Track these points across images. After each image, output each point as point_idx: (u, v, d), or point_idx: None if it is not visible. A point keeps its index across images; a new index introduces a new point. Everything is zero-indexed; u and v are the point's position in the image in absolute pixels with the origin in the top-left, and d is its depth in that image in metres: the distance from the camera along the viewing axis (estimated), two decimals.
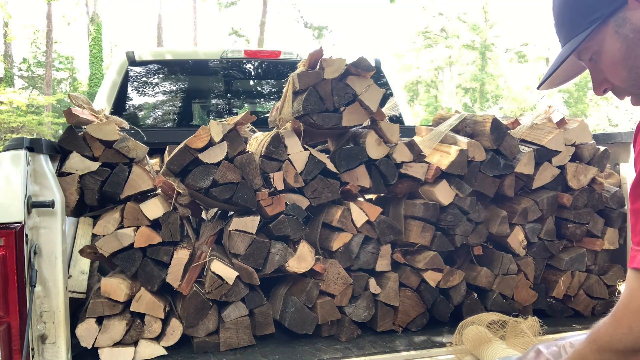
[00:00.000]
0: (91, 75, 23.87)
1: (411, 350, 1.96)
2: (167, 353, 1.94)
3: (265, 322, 2.04)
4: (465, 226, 2.22)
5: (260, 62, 3.68)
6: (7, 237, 1.50)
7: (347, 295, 2.11)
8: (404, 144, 2.21)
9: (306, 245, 2.05)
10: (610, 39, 0.96)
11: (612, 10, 0.94)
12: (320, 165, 2.10)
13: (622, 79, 0.99)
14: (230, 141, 2.00)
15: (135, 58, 3.35)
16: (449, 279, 2.21)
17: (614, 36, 0.95)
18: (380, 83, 3.33)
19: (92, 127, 1.98)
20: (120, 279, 1.92)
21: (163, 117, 3.67)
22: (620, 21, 0.93)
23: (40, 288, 1.66)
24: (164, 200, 2.01)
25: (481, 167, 2.24)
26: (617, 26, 0.94)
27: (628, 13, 0.92)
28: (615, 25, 0.94)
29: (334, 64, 2.08)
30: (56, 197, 1.71)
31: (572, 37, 1.00)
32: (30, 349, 1.57)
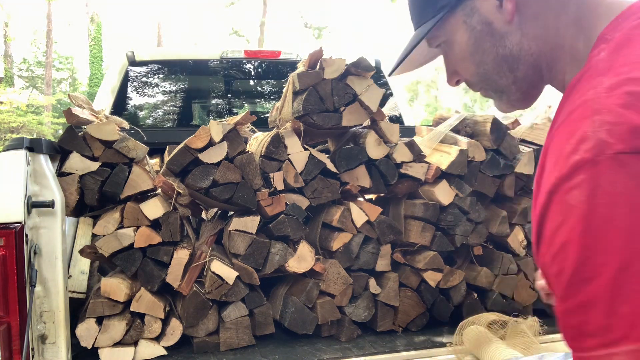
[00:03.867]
0: (91, 75, 23.88)
1: (411, 350, 1.96)
2: (167, 353, 1.94)
3: (265, 322, 2.04)
4: (465, 226, 2.22)
5: (261, 62, 3.68)
6: (7, 237, 1.50)
7: (347, 295, 2.11)
8: (404, 144, 2.21)
9: (306, 245, 2.05)
10: (459, 30, 0.87)
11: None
12: (320, 165, 2.10)
13: (470, 73, 0.91)
14: (230, 141, 2.00)
15: (135, 58, 3.35)
16: (449, 279, 2.21)
17: (462, 27, 0.86)
18: (380, 83, 3.33)
19: (92, 127, 1.98)
20: (120, 279, 1.92)
21: (163, 117, 3.67)
22: (469, 10, 0.84)
23: (40, 288, 1.66)
24: (164, 200, 2.01)
25: (481, 167, 2.24)
26: (466, 16, 0.85)
27: (477, 2, 0.84)
28: (464, 15, 0.85)
29: (334, 64, 2.08)
30: (56, 197, 1.71)
31: (421, 23, 0.91)
32: (30, 349, 1.57)
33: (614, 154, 0.59)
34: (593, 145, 0.60)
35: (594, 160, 0.60)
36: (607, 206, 0.59)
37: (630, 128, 0.59)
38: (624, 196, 0.58)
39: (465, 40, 0.87)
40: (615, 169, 0.58)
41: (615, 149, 0.59)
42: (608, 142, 0.60)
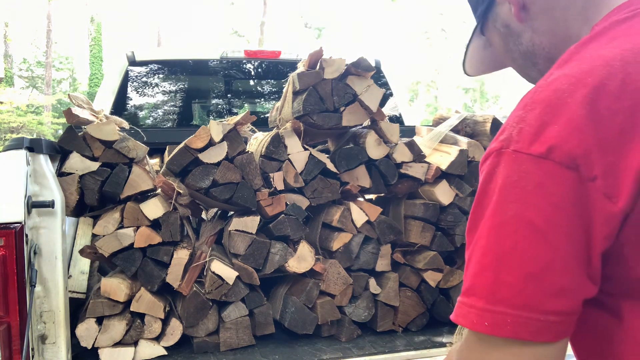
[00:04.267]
0: (91, 75, 23.88)
1: (411, 350, 1.96)
2: (167, 353, 1.94)
3: (265, 322, 2.04)
4: (465, 226, 2.22)
5: (261, 62, 3.68)
6: (7, 237, 1.50)
7: (347, 295, 2.11)
8: (404, 144, 2.21)
9: (306, 245, 2.05)
10: (493, 34, 0.97)
11: (487, 7, 0.95)
12: (320, 165, 2.10)
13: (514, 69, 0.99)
14: (230, 141, 2.00)
15: (135, 58, 3.35)
16: (449, 279, 2.21)
17: (494, 30, 0.96)
18: (380, 83, 3.33)
19: (92, 127, 1.98)
20: (120, 279, 1.92)
21: (163, 117, 3.67)
22: (495, 16, 0.93)
23: (40, 288, 1.66)
24: (164, 200, 2.01)
25: None
26: (494, 21, 0.94)
27: (498, 8, 0.92)
28: (493, 21, 0.95)
29: (334, 64, 2.08)
30: (56, 197, 1.71)
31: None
32: (30, 349, 1.57)
33: (513, 150, 0.68)
34: (504, 138, 0.70)
35: (499, 151, 0.69)
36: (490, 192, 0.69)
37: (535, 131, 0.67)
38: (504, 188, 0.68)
39: (498, 41, 0.96)
40: (510, 163, 0.67)
41: (515, 147, 0.68)
42: (514, 139, 0.68)
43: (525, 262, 0.66)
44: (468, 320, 0.70)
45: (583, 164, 0.63)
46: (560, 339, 0.67)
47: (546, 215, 0.65)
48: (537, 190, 0.65)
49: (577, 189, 0.64)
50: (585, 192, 0.63)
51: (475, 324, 0.69)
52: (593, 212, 0.64)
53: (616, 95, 0.65)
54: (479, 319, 0.68)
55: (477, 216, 0.73)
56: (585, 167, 0.63)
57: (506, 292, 0.66)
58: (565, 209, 0.64)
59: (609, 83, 0.66)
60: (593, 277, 0.67)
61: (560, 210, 0.64)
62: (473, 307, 0.69)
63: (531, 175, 0.66)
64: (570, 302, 0.66)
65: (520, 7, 0.87)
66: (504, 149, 0.69)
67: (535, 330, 0.65)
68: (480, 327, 0.68)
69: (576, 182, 0.64)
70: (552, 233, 0.64)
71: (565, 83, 0.69)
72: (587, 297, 0.67)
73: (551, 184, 0.64)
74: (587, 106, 0.65)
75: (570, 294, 0.66)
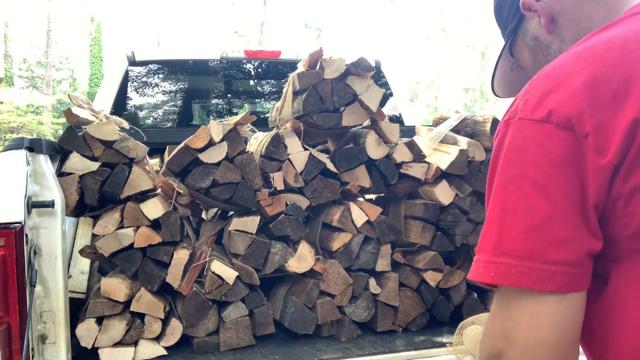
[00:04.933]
0: (91, 75, 23.89)
1: (411, 350, 1.96)
2: (167, 353, 1.94)
3: (265, 322, 2.04)
4: (465, 226, 2.22)
5: (261, 62, 3.68)
6: (7, 237, 1.50)
7: (347, 295, 2.11)
8: (404, 144, 2.21)
9: (306, 245, 2.05)
10: (523, 49, 1.04)
11: (517, 23, 1.03)
12: (320, 165, 2.10)
13: None
14: (230, 141, 2.00)
15: (135, 58, 3.35)
16: (449, 279, 2.21)
17: (523, 45, 1.04)
18: (380, 83, 3.33)
19: (92, 127, 1.98)
20: (120, 279, 1.92)
21: (163, 117, 3.67)
22: (524, 31, 1.02)
23: (40, 288, 1.66)
24: (164, 200, 2.01)
25: (481, 167, 2.24)
26: (523, 36, 1.03)
27: (527, 23, 1.01)
28: (522, 36, 1.03)
29: (334, 64, 2.08)
30: (56, 197, 1.71)
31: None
32: (30, 349, 1.57)
33: (519, 119, 0.75)
34: (512, 110, 0.78)
35: (508, 121, 0.77)
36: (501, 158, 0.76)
37: (537, 100, 0.74)
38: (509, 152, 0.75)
39: (527, 55, 1.03)
40: (515, 130, 0.75)
41: (520, 115, 0.75)
42: (519, 109, 0.76)
43: (527, 216, 0.71)
44: (477, 274, 0.76)
45: (577, 124, 0.70)
46: (568, 291, 0.71)
47: (546, 172, 0.71)
48: (537, 151, 0.72)
49: (572, 146, 0.70)
50: (580, 148, 0.70)
51: (482, 275, 0.75)
52: (586, 166, 0.70)
53: (613, 65, 0.72)
54: (485, 270, 0.75)
55: (491, 183, 0.79)
56: (579, 126, 0.70)
57: (510, 244, 0.72)
58: (562, 166, 0.70)
59: (608, 55, 0.73)
60: (593, 231, 0.72)
61: (558, 168, 0.70)
62: (481, 261, 0.76)
63: (533, 138, 0.73)
64: (572, 253, 0.70)
65: (549, 19, 0.95)
66: (511, 119, 0.77)
67: (538, 279, 0.70)
68: (487, 277, 0.74)
69: (572, 140, 0.70)
70: (552, 188, 0.70)
71: (568, 58, 0.77)
72: (591, 250, 0.72)
73: (550, 143, 0.71)
74: (584, 74, 0.72)
75: (571, 245, 0.70)
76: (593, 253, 0.72)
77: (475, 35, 27.65)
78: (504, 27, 1.08)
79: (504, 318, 0.74)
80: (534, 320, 0.71)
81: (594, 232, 0.72)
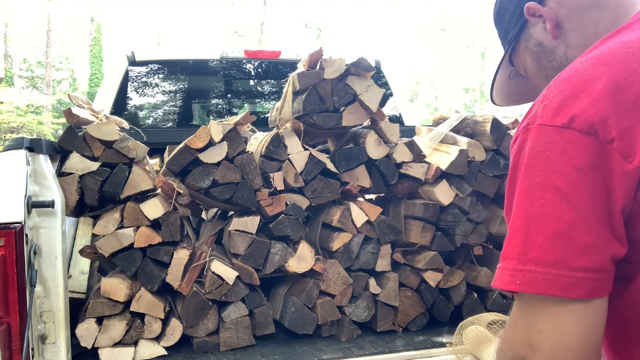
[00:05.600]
0: (91, 75, 23.89)
1: (411, 350, 1.96)
2: (167, 353, 1.94)
3: (265, 322, 2.04)
4: (465, 226, 2.22)
5: (261, 62, 3.68)
6: (7, 237, 1.50)
7: (347, 295, 2.11)
8: (404, 144, 2.21)
9: (306, 245, 2.05)
10: (525, 55, 1.04)
11: (519, 29, 1.03)
12: (320, 165, 2.10)
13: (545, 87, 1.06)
14: (230, 141, 2.00)
15: (135, 58, 3.35)
16: (449, 279, 2.21)
17: (526, 51, 1.03)
18: (380, 83, 3.33)
19: (92, 127, 1.98)
20: (120, 279, 1.92)
21: (163, 117, 3.67)
22: (527, 37, 1.02)
23: (40, 288, 1.66)
24: (164, 200, 2.01)
25: (481, 167, 2.24)
26: (526, 42, 1.03)
27: (530, 29, 1.01)
28: (525, 42, 1.03)
29: (334, 64, 2.08)
30: (56, 197, 1.71)
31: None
32: (30, 349, 1.57)
33: (538, 124, 0.75)
34: (530, 116, 0.78)
35: (527, 127, 0.77)
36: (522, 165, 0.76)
37: (557, 106, 0.74)
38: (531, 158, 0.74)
39: (530, 61, 1.03)
40: (536, 136, 0.75)
41: (540, 121, 0.75)
42: (538, 115, 0.76)
43: (551, 223, 0.71)
44: (502, 282, 0.75)
45: (601, 129, 0.70)
46: (593, 297, 0.71)
47: (569, 178, 0.70)
48: (560, 157, 0.72)
49: (596, 152, 0.70)
50: (604, 154, 0.70)
51: (508, 283, 0.74)
52: (611, 171, 0.70)
53: (633, 69, 0.72)
54: (511, 278, 0.74)
55: (511, 190, 0.78)
56: (604, 131, 0.69)
57: (535, 252, 0.72)
58: (586, 172, 0.70)
59: (627, 59, 0.73)
60: (618, 236, 0.71)
61: (581, 174, 0.70)
62: (506, 269, 0.75)
63: (555, 144, 0.72)
64: (597, 259, 0.70)
65: (554, 24, 0.95)
66: (530, 125, 0.76)
67: (564, 286, 0.70)
68: (513, 285, 0.74)
69: (596, 146, 0.70)
70: (575, 195, 0.70)
71: (585, 64, 0.77)
72: (615, 255, 0.72)
73: (573, 150, 0.71)
74: (605, 79, 0.72)
75: (596, 251, 0.70)
76: (617, 258, 0.72)
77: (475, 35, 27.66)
78: (504, 35, 1.08)
79: (527, 326, 0.73)
80: (559, 328, 0.71)
81: (618, 238, 0.71)
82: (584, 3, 0.93)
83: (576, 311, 0.71)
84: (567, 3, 0.94)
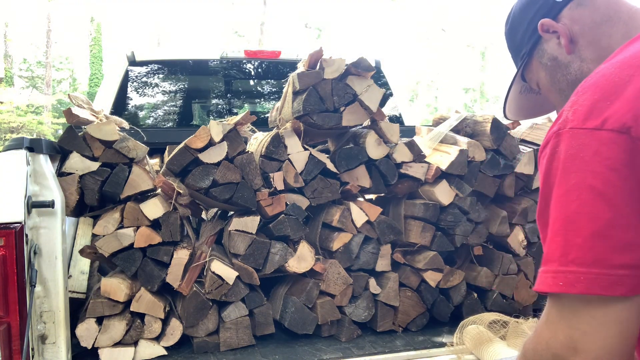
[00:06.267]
0: (91, 75, 23.88)
1: (411, 350, 1.96)
2: (167, 353, 1.94)
3: (265, 322, 2.04)
4: (465, 226, 2.22)
5: (261, 62, 3.68)
6: (7, 237, 1.50)
7: (347, 295, 2.11)
8: (404, 144, 2.21)
9: (306, 245, 2.05)
10: (538, 70, 1.07)
11: (532, 45, 1.06)
12: (320, 165, 2.10)
13: (558, 101, 1.08)
14: (230, 141, 2.00)
15: (135, 58, 3.35)
16: (449, 279, 2.21)
17: (539, 66, 1.07)
18: (380, 83, 3.33)
19: (92, 127, 1.98)
20: (120, 279, 1.92)
21: (163, 117, 3.67)
22: (541, 53, 1.05)
23: (40, 288, 1.66)
24: (164, 200, 2.01)
25: (481, 167, 2.24)
26: (539, 57, 1.06)
27: (544, 45, 1.04)
28: (538, 57, 1.06)
29: (334, 64, 2.08)
30: (56, 197, 1.71)
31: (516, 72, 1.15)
32: (30, 349, 1.57)
33: (569, 128, 0.77)
34: (561, 121, 0.79)
35: (557, 132, 0.79)
36: (555, 170, 0.78)
37: (587, 110, 0.76)
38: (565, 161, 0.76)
39: (544, 76, 1.06)
40: (568, 140, 0.76)
41: (572, 125, 0.77)
42: (569, 119, 0.78)
43: (590, 223, 0.73)
44: (545, 285, 0.77)
45: (634, 126, 0.72)
46: (634, 293, 0.72)
47: (604, 178, 0.72)
48: (594, 158, 0.73)
49: (629, 149, 0.72)
50: (637, 150, 0.72)
51: (551, 285, 0.75)
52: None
53: None
54: (554, 280, 0.75)
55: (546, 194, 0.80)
56: (636, 128, 0.72)
57: (576, 253, 0.73)
58: (620, 170, 0.72)
59: None
60: None
61: (616, 172, 0.72)
62: (548, 271, 0.76)
63: (588, 146, 0.74)
64: (637, 255, 0.71)
65: (569, 40, 0.98)
66: (562, 130, 0.78)
67: (607, 284, 0.71)
68: (556, 287, 0.75)
69: (628, 144, 0.72)
70: (611, 193, 0.72)
71: (611, 68, 0.79)
72: None
73: (606, 150, 0.73)
74: (634, 81, 0.75)
75: (636, 248, 0.71)
76: None
77: (475, 35, 27.66)
78: (516, 51, 1.11)
79: (568, 327, 0.74)
80: (602, 329, 0.72)
81: None
82: (596, 18, 0.96)
83: (619, 310, 0.72)
84: (581, 19, 0.98)
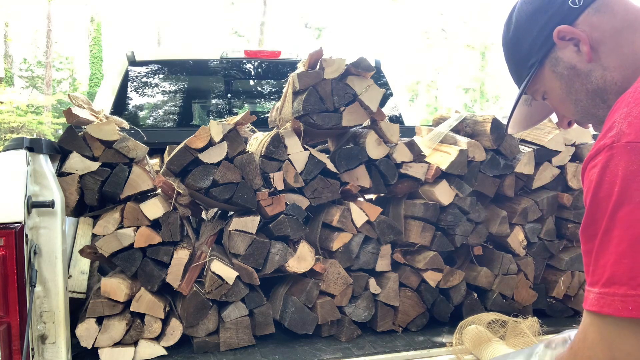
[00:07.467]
0: (91, 75, 23.87)
1: (411, 350, 1.96)
2: (167, 353, 1.94)
3: (265, 322, 2.04)
4: (465, 226, 2.22)
5: (261, 62, 3.68)
6: (7, 237, 1.50)
7: (347, 295, 2.11)
8: (404, 144, 2.21)
9: (306, 245, 2.05)
10: (551, 79, 1.02)
11: (545, 53, 1.01)
12: (320, 165, 2.10)
13: (572, 112, 1.04)
14: (230, 141, 2.00)
15: (135, 58, 3.35)
16: (449, 279, 2.21)
17: (552, 76, 1.01)
18: (380, 83, 3.33)
19: (92, 127, 1.98)
20: (120, 279, 1.92)
21: (163, 117, 3.67)
22: (554, 61, 1.00)
23: (40, 288, 1.66)
24: (164, 200, 2.01)
25: (481, 167, 2.24)
26: (553, 66, 1.01)
27: (559, 53, 0.99)
28: (551, 66, 1.01)
29: (334, 64, 2.08)
30: (56, 197, 1.71)
31: (520, 83, 1.09)
32: (30, 349, 1.57)
33: (626, 142, 0.73)
34: (614, 134, 0.76)
35: (611, 145, 0.75)
36: (609, 184, 0.74)
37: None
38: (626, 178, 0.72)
39: (558, 85, 1.01)
40: (626, 154, 0.73)
41: (628, 139, 0.73)
42: (625, 132, 0.74)
43: None
44: (613, 308, 0.74)
45: None
46: None
47: None
48: None
49: None
50: None
51: (620, 310, 0.73)
52: None
53: None
54: (623, 304, 0.72)
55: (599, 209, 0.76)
56: None
57: None
58: None
59: None
60: None
61: None
62: (615, 295, 0.73)
63: None
64: None
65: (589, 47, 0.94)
66: (616, 143, 0.75)
67: None
68: (625, 312, 0.72)
69: None
70: None
71: None
72: None
73: None
74: None
75: None
76: None
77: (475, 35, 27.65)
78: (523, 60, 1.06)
79: (611, 348, 0.74)
80: None
81: None
82: (616, 25, 0.93)
83: None
84: (601, 26, 0.94)
